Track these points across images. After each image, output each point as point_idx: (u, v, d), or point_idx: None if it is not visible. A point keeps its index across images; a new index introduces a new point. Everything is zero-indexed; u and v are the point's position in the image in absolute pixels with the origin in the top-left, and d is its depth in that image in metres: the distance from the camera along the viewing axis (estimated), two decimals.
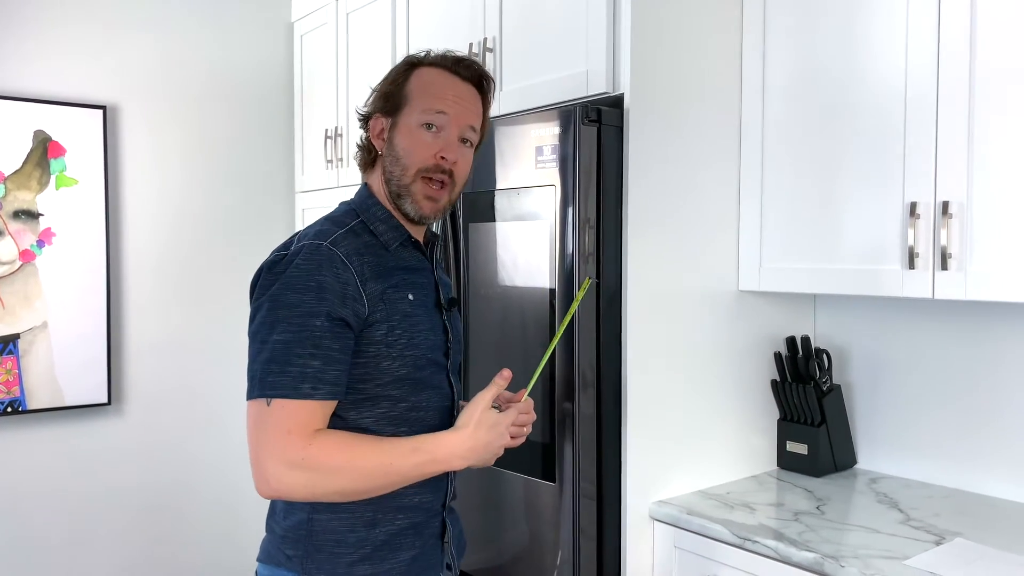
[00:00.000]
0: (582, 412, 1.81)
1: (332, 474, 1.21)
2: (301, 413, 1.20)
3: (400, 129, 1.35)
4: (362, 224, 1.34)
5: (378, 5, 2.62)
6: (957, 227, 1.67)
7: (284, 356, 1.20)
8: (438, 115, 1.33)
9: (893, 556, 1.55)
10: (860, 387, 2.20)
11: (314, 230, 1.30)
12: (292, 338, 1.21)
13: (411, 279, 1.36)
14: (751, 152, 2.05)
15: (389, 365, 1.30)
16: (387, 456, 1.25)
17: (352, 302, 1.24)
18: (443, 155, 1.33)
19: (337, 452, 1.22)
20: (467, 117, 1.36)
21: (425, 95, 1.34)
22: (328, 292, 1.22)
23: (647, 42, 1.85)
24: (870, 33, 1.82)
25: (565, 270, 1.81)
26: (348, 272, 1.24)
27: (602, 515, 1.85)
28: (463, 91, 1.37)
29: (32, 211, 2.55)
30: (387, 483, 1.26)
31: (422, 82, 1.36)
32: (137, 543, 2.82)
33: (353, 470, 1.23)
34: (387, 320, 1.29)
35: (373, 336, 1.28)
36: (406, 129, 1.34)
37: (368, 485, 1.25)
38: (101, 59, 2.72)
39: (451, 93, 1.35)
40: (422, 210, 1.35)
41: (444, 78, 1.36)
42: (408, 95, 1.35)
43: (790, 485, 2.04)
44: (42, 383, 2.58)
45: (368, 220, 1.35)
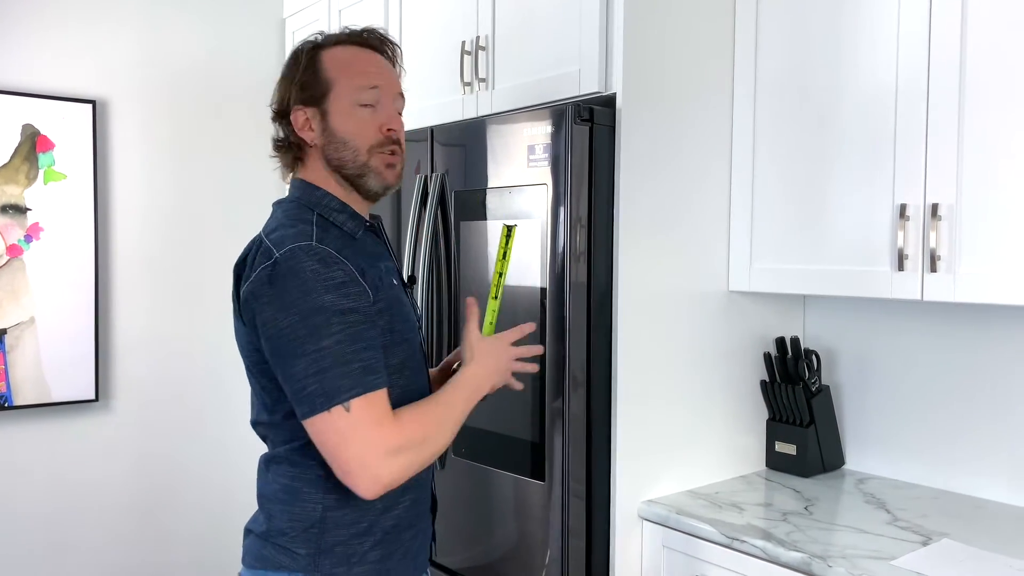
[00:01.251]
0: (572, 411, 1.81)
1: (426, 444, 1.24)
2: (380, 403, 1.20)
3: (334, 115, 1.32)
4: (320, 219, 1.31)
5: (370, 2, 2.62)
6: (946, 229, 1.68)
7: (341, 358, 1.17)
8: (371, 91, 1.33)
9: (880, 556, 1.56)
10: (849, 388, 2.21)
11: (288, 233, 1.25)
12: (340, 338, 1.18)
13: (382, 264, 1.37)
14: (742, 152, 2.05)
15: (396, 351, 1.31)
16: (451, 409, 1.30)
17: (363, 294, 1.24)
18: (389, 127, 1.34)
19: (421, 425, 1.24)
20: (394, 85, 1.38)
21: (350, 74, 1.33)
22: (345, 286, 1.21)
23: (640, 42, 1.85)
24: (861, 35, 1.83)
25: (556, 269, 1.81)
26: (346, 266, 1.23)
27: (591, 514, 1.85)
28: (380, 61, 1.38)
29: (20, 205, 2.54)
30: (455, 432, 1.31)
31: (339, 63, 1.33)
32: (124, 541, 2.80)
33: (438, 435, 1.26)
34: (388, 308, 1.30)
35: (380, 325, 1.27)
36: (342, 113, 1.32)
37: (447, 440, 1.30)
38: (91, 53, 2.70)
39: (372, 67, 1.35)
40: (387, 180, 1.36)
41: (360, 53, 1.36)
42: (330, 80, 1.33)
43: (779, 485, 2.05)
44: (29, 379, 2.56)
45: (324, 213, 1.32)
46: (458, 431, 1.32)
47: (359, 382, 1.18)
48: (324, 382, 1.16)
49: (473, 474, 2.02)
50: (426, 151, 2.15)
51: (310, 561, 1.28)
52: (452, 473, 2.05)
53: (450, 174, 2.08)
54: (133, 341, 2.81)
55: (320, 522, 1.29)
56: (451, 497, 2.07)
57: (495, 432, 1.97)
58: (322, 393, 1.17)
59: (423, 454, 1.24)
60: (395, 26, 2.50)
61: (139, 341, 2.82)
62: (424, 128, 2.16)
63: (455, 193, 2.07)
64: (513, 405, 1.92)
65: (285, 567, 1.29)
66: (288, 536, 1.29)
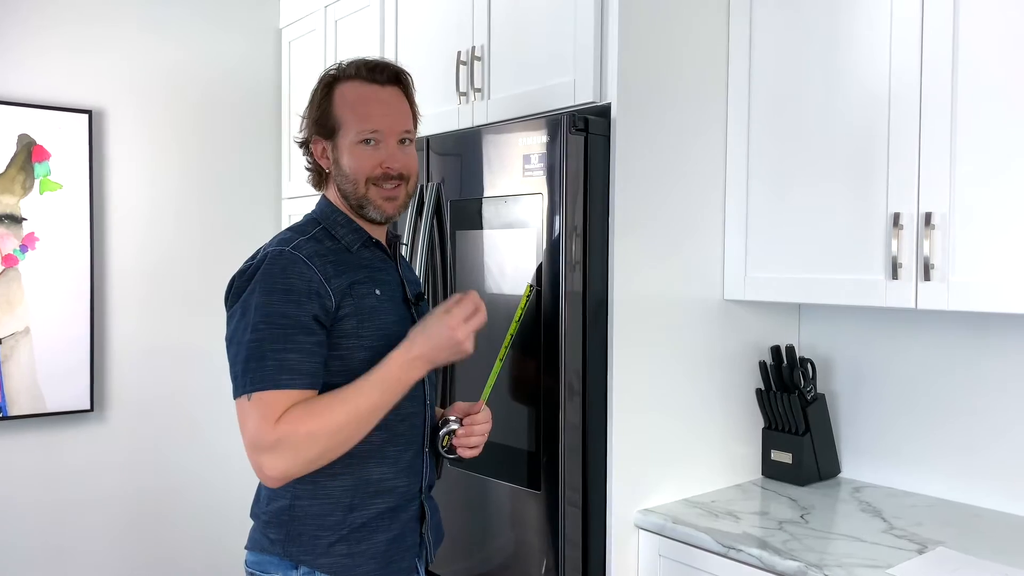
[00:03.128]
0: (568, 420, 1.81)
1: (310, 441, 1.25)
2: (276, 402, 1.25)
3: (341, 150, 1.42)
4: (324, 231, 1.41)
5: (366, 12, 2.63)
6: (940, 238, 1.68)
7: (259, 353, 1.27)
8: (373, 133, 1.41)
9: (876, 565, 1.56)
10: (844, 396, 2.22)
11: (278, 239, 1.38)
12: (265, 335, 1.27)
13: (376, 276, 1.43)
14: (736, 161, 2.06)
15: (363, 356, 1.36)
16: (350, 402, 1.29)
17: (319, 298, 1.31)
18: (387, 165, 1.41)
19: (303, 421, 1.25)
20: (399, 123, 1.44)
21: (355, 116, 1.41)
22: (294, 292, 1.29)
23: (634, 52, 1.86)
24: (854, 45, 1.84)
25: (552, 278, 1.81)
26: (311, 271, 1.32)
27: (587, 523, 1.85)
28: (386, 97, 1.44)
29: (15, 215, 2.53)
30: (364, 423, 1.31)
31: (347, 102, 1.42)
32: (120, 550, 2.79)
33: (327, 429, 1.26)
34: (356, 314, 1.36)
35: (345, 329, 1.34)
36: (347, 149, 1.42)
37: (348, 434, 1.29)
38: (87, 63, 2.70)
39: (377, 109, 1.42)
40: (386, 211, 1.44)
41: (366, 91, 1.43)
42: (339, 118, 1.42)
43: (774, 494, 2.05)
44: (24, 389, 2.55)
45: (329, 226, 1.42)
46: (375, 420, 1.31)
47: (268, 378, 1.25)
48: (242, 371, 1.27)
49: (469, 483, 2.02)
50: (422, 161, 2.15)
51: (282, 547, 1.37)
52: (448, 482, 2.05)
53: (446, 183, 2.09)
54: (128, 351, 2.80)
55: (289, 510, 1.37)
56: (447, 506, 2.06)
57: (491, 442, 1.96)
58: (239, 380, 1.28)
59: (312, 450, 1.26)
60: (391, 36, 2.51)
61: (134, 351, 2.82)
62: (420, 138, 2.17)
63: (451, 202, 2.07)
64: (509, 414, 1.92)
65: (266, 550, 1.39)
66: (265, 521, 1.40)
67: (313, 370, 1.29)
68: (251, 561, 1.42)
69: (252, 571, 1.42)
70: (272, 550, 1.38)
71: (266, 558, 1.39)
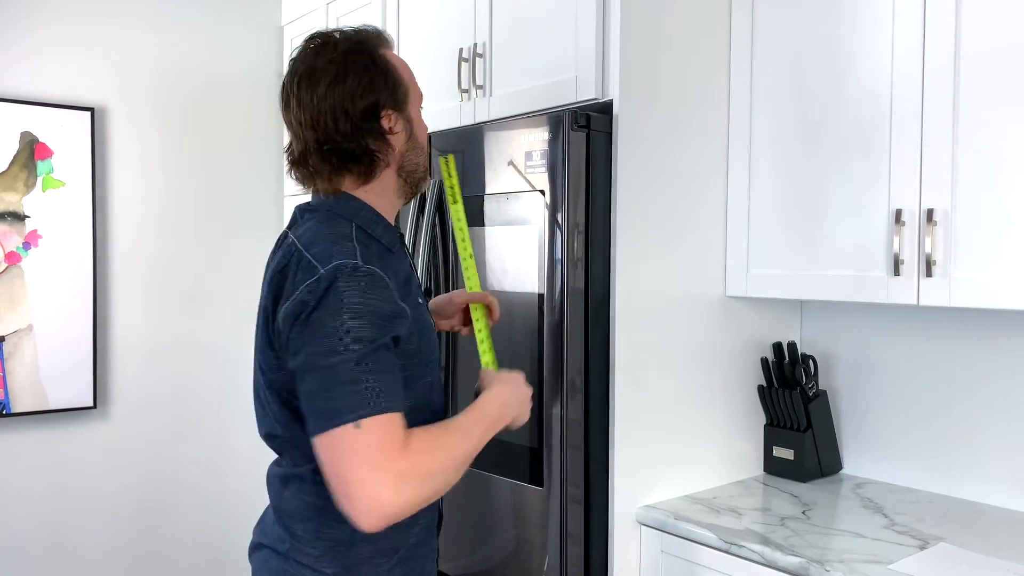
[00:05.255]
0: (570, 417, 1.81)
1: (434, 477, 1.15)
2: (389, 426, 1.12)
3: (414, 120, 1.34)
4: (361, 231, 1.26)
5: (368, 9, 2.63)
6: (942, 234, 1.69)
7: (352, 377, 1.11)
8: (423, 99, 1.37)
9: (878, 560, 1.56)
10: (846, 393, 2.22)
11: (331, 249, 1.19)
12: (354, 358, 1.12)
13: (412, 279, 1.33)
14: (738, 158, 2.06)
15: (422, 372, 1.29)
16: (467, 440, 1.22)
17: (399, 319, 1.19)
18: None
19: (432, 454, 1.15)
20: None
21: (412, 82, 1.35)
22: (378, 315, 1.16)
23: (636, 48, 1.86)
24: (856, 41, 1.84)
25: (554, 275, 1.82)
26: (388, 290, 1.18)
27: (589, 519, 1.85)
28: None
29: (18, 213, 2.54)
30: (467, 464, 1.23)
31: (403, 67, 1.34)
32: (122, 547, 2.80)
33: (449, 466, 1.18)
34: (417, 331, 1.26)
35: (409, 349, 1.24)
36: (417, 117, 1.34)
37: (458, 474, 1.21)
38: (89, 61, 2.70)
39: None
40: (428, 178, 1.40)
41: (399, 57, 1.37)
42: (406, 84, 1.32)
43: (776, 490, 2.05)
44: (27, 386, 2.56)
45: (364, 225, 1.28)
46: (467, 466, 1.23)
47: (368, 402, 1.11)
48: (332, 400, 1.11)
49: (471, 480, 2.03)
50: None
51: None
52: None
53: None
54: (131, 348, 2.81)
55: (348, 540, 1.25)
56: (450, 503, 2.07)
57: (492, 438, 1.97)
58: (329, 410, 1.11)
59: (429, 487, 1.14)
60: (393, 33, 2.51)
61: (137, 348, 2.82)
62: None
63: None
64: None
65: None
66: (314, 555, 1.26)
67: (401, 393, 1.17)
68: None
69: None
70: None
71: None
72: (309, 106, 1.25)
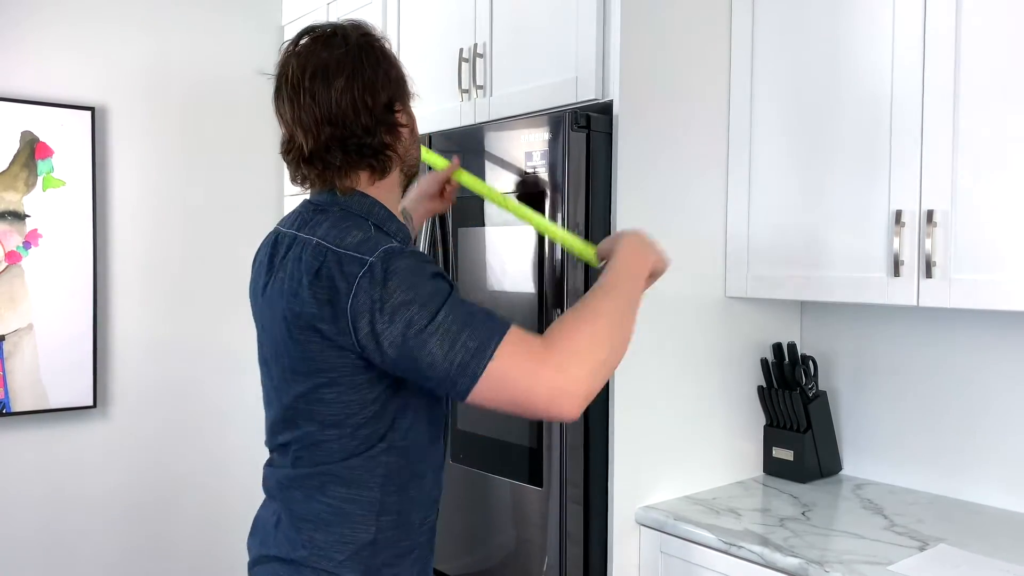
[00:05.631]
0: None
1: (593, 348, 1.15)
2: (519, 337, 1.14)
3: (412, 115, 1.34)
4: (377, 228, 1.24)
5: (368, 9, 2.63)
6: (942, 235, 1.69)
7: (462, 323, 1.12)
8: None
9: (877, 561, 1.56)
10: (846, 394, 2.22)
11: (366, 241, 1.18)
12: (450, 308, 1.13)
13: None
14: (739, 159, 2.06)
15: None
16: (608, 299, 1.22)
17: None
18: None
19: (574, 332, 1.15)
20: None
21: (407, 76, 1.35)
22: (439, 271, 1.19)
23: (636, 49, 1.86)
24: (856, 42, 1.84)
25: (554, 275, 1.82)
26: (432, 261, 1.23)
27: (588, 520, 1.85)
28: None
29: (18, 212, 2.54)
30: (628, 318, 1.24)
31: (397, 62, 1.35)
32: (122, 547, 2.80)
33: (602, 331, 1.17)
34: None
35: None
36: (412, 112, 1.34)
37: (624, 330, 1.22)
38: (90, 60, 2.71)
39: None
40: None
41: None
42: (406, 79, 1.33)
43: (776, 491, 2.05)
44: (27, 385, 2.56)
45: (379, 223, 1.26)
46: (634, 318, 1.24)
47: (488, 332, 1.12)
48: (462, 351, 1.11)
49: (471, 480, 2.03)
50: None
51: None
52: (450, 479, 2.05)
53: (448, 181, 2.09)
54: (131, 348, 2.81)
55: (372, 544, 1.25)
56: (449, 503, 2.07)
57: (493, 438, 1.97)
58: (465, 362, 1.11)
59: (596, 356, 1.14)
60: (393, 33, 2.51)
61: (137, 348, 2.82)
62: (422, 135, 2.17)
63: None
64: None
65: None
66: (335, 560, 1.24)
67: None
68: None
69: None
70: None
71: None
72: (326, 101, 1.22)
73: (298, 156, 1.27)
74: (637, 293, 1.28)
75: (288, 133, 1.29)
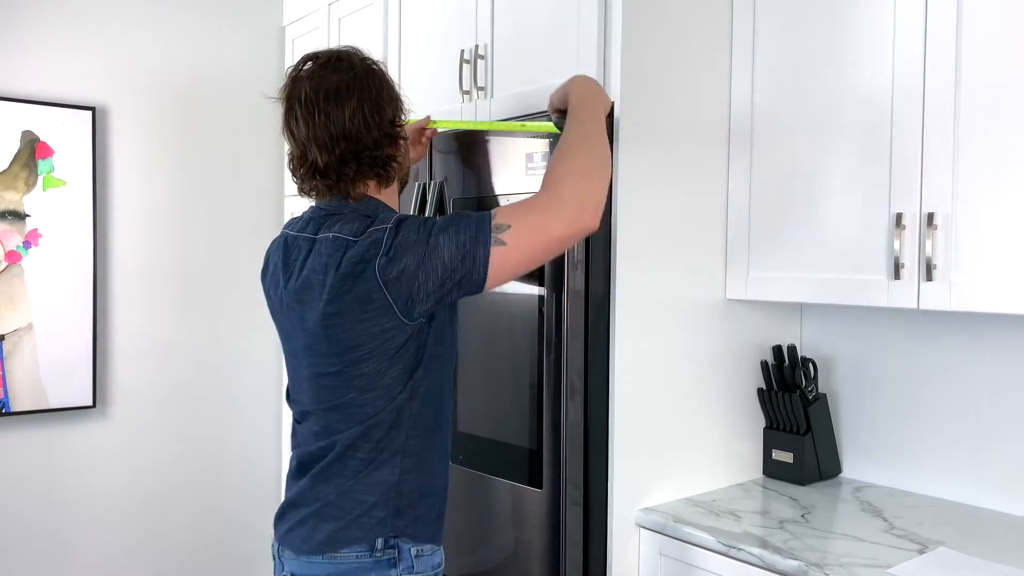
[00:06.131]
0: (569, 419, 1.81)
1: (582, 171, 1.35)
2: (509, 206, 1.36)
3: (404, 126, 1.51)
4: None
5: (370, 10, 2.63)
6: (942, 238, 1.69)
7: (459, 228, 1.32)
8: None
9: (877, 564, 1.56)
10: (845, 396, 2.22)
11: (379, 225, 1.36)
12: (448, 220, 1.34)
13: None
14: (739, 161, 2.06)
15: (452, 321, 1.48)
16: (585, 128, 1.43)
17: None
18: None
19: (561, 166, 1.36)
20: None
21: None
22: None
23: (638, 51, 1.86)
24: (857, 46, 1.84)
25: (555, 277, 1.82)
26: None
27: (588, 522, 1.85)
28: None
29: (19, 212, 2.54)
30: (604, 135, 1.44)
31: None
32: (122, 547, 2.80)
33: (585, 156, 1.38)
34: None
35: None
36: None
37: (606, 149, 1.41)
38: (90, 60, 2.71)
39: None
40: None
41: None
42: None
43: (775, 493, 2.05)
44: (26, 385, 2.56)
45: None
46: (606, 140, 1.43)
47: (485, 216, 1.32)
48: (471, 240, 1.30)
49: (471, 481, 2.03)
50: (425, 159, 2.16)
51: (383, 523, 1.39)
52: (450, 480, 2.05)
53: (449, 182, 2.09)
54: (131, 348, 2.81)
55: (396, 486, 1.40)
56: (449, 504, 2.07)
57: (493, 439, 1.97)
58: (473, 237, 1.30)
59: (587, 176, 1.35)
60: (394, 34, 2.51)
61: (137, 348, 2.82)
62: None
63: (453, 200, 2.07)
64: (511, 412, 1.92)
65: (357, 540, 1.39)
66: (368, 503, 1.39)
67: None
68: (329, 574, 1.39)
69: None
70: (370, 536, 1.38)
71: (356, 566, 1.38)
72: (340, 119, 1.37)
73: (312, 170, 1.40)
74: (602, 117, 1.49)
75: (300, 150, 1.41)
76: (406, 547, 1.41)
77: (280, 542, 1.46)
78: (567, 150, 1.38)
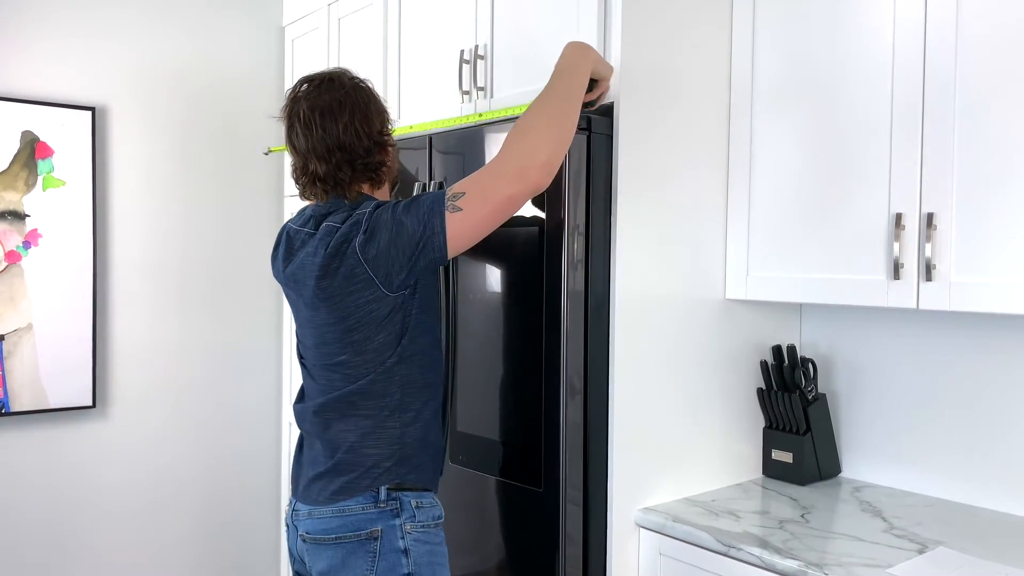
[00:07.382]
0: (569, 419, 1.81)
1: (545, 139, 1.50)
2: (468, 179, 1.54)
3: (391, 133, 1.70)
4: None
5: (369, 11, 2.63)
6: (942, 239, 1.69)
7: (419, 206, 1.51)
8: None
9: (876, 564, 1.56)
10: (845, 396, 2.22)
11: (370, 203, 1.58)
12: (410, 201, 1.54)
13: None
14: (739, 162, 2.06)
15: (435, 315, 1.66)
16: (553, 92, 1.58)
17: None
18: None
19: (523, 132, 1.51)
20: None
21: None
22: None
23: (637, 51, 1.86)
24: (856, 46, 1.84)
25: (554, 277, 1.82)
26: None
27: (588, 521, 1.85)
28: None
29: (19, 212, 2.54)
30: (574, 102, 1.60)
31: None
32: (122, 546, 2.80)
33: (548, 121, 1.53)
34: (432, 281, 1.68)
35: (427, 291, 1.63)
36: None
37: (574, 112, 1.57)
38: (90, 60, 2.71)
39: None
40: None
41: None
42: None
43: (775, 493, 2.05)
44: (26, 385, 2.56)
45: None
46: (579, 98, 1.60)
47: (440, 191, 1.51)
48: (429, 211, 1.48)
49: (470, 481, 2.03)
50: (424, 159, 2.16)
51: (389, 471, 1.55)
52: (449, 480, 2.05)
53: (448, 182, 2.09)
54: (131, 348, 2.81)
55: (400, 438, 1.57)
56: (449, 504, 2.07)
57: (492, 439, 1.97)
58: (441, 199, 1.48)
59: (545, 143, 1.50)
60: (394, 35, 2.51)
61: (137, 348, 2.82)
62: (423, 136, 2.17)
63: None
64: (511, 412, 1.92)
65: (366, 488, 1.55)
66: (374, 456, 1.55)
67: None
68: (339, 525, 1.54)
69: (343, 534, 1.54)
70: (375, 484, 1.54)
71: (362, 517, 1.53)
72: (335, 133, 1.56)
73: (313, 177, 1.60)
74: (578, 79, 1.62)
75: (301, 161, 1.61)
76: (407, 499, 1.56)
77: (300, 498, 1.62)
78: (525, 113, 1.55)
